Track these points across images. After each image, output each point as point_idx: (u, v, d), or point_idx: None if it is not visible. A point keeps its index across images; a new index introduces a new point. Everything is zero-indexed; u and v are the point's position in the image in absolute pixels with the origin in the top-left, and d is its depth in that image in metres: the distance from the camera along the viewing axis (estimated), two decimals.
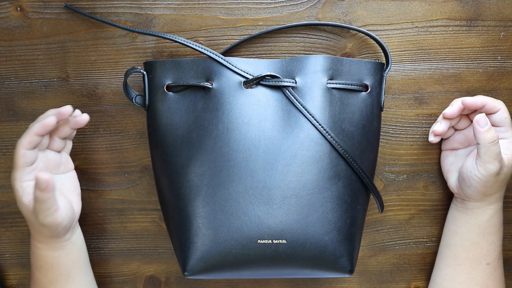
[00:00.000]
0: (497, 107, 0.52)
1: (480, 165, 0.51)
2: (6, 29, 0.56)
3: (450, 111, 0.53)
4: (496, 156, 0.50)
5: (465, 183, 0.53)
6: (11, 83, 0.58)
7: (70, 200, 0.53)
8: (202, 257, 0.49)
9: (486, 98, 0.52)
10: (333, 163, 0.50)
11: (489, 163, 0.50)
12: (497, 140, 0.49)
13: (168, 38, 0.51)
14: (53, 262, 0.53)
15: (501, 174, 0.51)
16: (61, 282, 0.54)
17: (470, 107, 0.53)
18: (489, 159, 0.50)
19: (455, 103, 0.53)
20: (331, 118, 0.50)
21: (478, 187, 0.52)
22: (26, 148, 0.49)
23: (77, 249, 0.55)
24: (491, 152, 0.50)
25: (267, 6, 0.56)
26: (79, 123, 0.52)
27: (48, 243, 0.52)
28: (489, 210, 0.54)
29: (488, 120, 0.50)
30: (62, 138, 0.53)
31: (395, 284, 0.63)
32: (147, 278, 0.63)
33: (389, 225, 0.61)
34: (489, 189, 0.52)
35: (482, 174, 0.51)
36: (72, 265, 0.54)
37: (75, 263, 0.55)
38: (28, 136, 0.49)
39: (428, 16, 0.56)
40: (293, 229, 0.48)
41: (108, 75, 0.57)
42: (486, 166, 0.50)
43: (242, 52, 0.57)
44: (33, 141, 0.49)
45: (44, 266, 0.53)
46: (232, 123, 0.50)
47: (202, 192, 0.49)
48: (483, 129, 0.49)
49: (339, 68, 0.51)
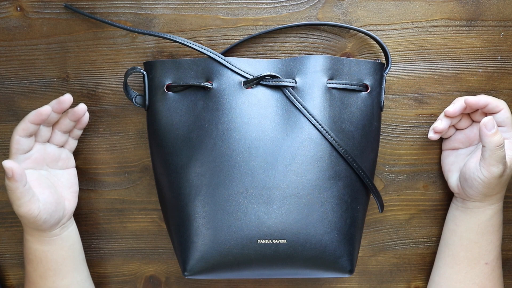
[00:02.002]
0: (500, 106, 0.52)
1: (484, 167, 0.51)
2: (6, 29, 0.56)
3: (452, 109, 0.53)
4: (501, 159, 0.50)
5: (467, 183, 0.53)
6: (11, 83, 0.58)
7: (62, 196, 0.53)
8: (202, 257, 0.49)
9: (488, 98, 0.52)
10: (333, 163, 0.50)
11: (494, 165, 0.50)
12: (503, 144, 0.49)
13: (168, 38, 0.51)
14: (42, 256, 0.53)
15: (504, 175, 0.51)
16: (51, 277, 0.54)
17: (472, 106, 0.53)
18: (494, 162, 0.50)
19: (457, 101, 0.53)
20: (331, 118, 0.50)
21: (480, 188, 0.52)
22: (20, 135, 0.49)
23: (68, 246, 0.54)
24: (496, 156, 0.49)
25: (267, 6, 0.56)
26: (77, 113, 0.52)
27: (35, 236, 0.52)
28: (489, 210, 0.54)
29: (495, 123, 0.49)
30: (63, 132, 0.53)
31: (395, 284, 0.63)
32: (147, 278, 0.63)
33: (389, 225, 0.61)
34: (491, 190, 0.52)
35: (485, 176, 0.51)
36: (62, 262, 0.54)
37: (65, 260, 0.54)
38: (23, 123, 0.49)
39: (428, 16, 0.56)
40: (293, 229, 0.48)
41: (108, 75, 0.57)
42: (490, 169, 0.50)
43: (242, 52, 0.57)
44: (27, 128, 0.49)
45: (34, 259, 0.54)
46: (232, 123, 0.50)
47: (202, 192, 0.49)
48: (490, 132, 0.49)
49: (339, 68, 0.51)
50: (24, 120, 0.49)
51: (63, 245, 0.54)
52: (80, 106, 0.52)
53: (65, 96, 0.50)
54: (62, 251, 0.54)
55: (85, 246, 0.62)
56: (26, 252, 0.54)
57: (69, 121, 0.52)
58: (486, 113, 0.54)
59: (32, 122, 0.49)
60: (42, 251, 0.53)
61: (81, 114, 0.52)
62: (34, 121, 0.49)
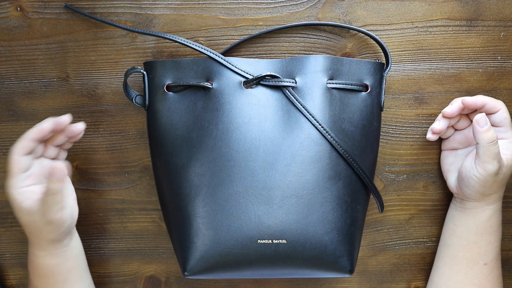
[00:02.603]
0: (497, 107, 0.52)
1: (479, 165, 0.51)
2: (6, 29, 0.56)
3: (450, 110, 0.53)
4: (495, 156, 0.50)
5: (464, 182, 0.53)
6: (11, 83, 0.58)
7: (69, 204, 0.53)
8: (202, 257, 0.49)
9: (486, 98, 0.52)
10: (333, 163, 0.50)
11: (488, 163, 0.50)
12: (496, 140, 0.49)
13: (168, 38, 0.51)
14: (53, 270, 0.53)
15: (500, 174, 0.51)
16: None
17: (470, 107, 0.53)
18: (488, 159, 0.50)
19: (455, 102, 0.53)
20: (331, 118, 0.50)
21: (477, 187, 0.52)
22: (19, 154, 0.49)
23: (74, 255, 0.55)
24: (490, 152, 0.50)
25: (267, 6, 0.56)
26: (75, 132, 0.51)
27: (48, 249, 0.52)
28: (488, 210, 0.54)
29: (488, 120, 0.49)
30: (56, 146, 0.53)
31: (395, 284, 0.63)
32: (147, 278, 0.63)
33: (389, 225, 0.61)
34: (488, 189, 0.52)
35: (481, 174, 0.51)
36: (69, 272, 0.54)
37: (73, 269, 0.54)
38: (23, 142, 0.49)
39: (428, 16, 0.56)
40: (293, 229, 0.48)
41: (108, 75, 0.57)
42: (485, 166, 0.50)
43: (242, 52, 0.57)
44: (27, 146, 0.49)
45: (44, 274, 0.53)
46: (232, 123, 0.50)
47: (202, 192, 0.49)
48: (482, 129, 0.49)
49: (339, 68, 0.51)
50: (23, 138, 0.49)
51: (71, 255, 0.54)
52: (78, 125, 0.51)
53: (65, 117, 0.50)
54: (70, 261, 0.54)
55: (85, 246, 0.62)
56: (35, 267, 0.53)
57: (64, 137, 0.52)
58: (486, 113, 0.54)
59: (34, 139, 0.49)
60: (54, 265, 0.53)
61: (78, 133, 0.52)
62: (36, 137, 0.49)
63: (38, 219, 0.50)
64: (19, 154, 0.49)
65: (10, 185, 0.49)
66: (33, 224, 0.50)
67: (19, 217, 0.50)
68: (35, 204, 0.49)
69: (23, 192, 0.49)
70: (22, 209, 0.49)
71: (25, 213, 0.49)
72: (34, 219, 0.50)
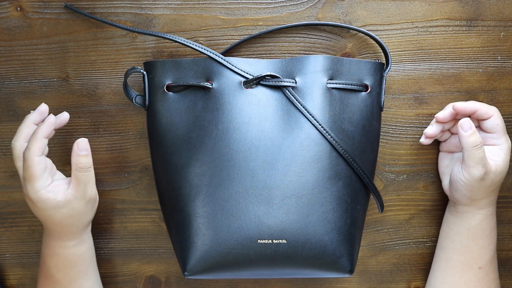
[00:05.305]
0: (489, 113, 0.52)
1: (465, 169, 0.51)
2: (6, 29, 0.56)
3: (442, 115, 0.53)
4: (480, 160, 0.49)
5: (453, 186, 0.53)
6: (11, 83, 0.58)
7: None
8: (202, 257, 0.49)
9: (478, 104, 0.52)
10: (333, 163, 0.50)
11: (472, 167, 0.50)
12: (481, 145, 0.49)
13: (168, 38, 0.51)
14: (80, 258, 0.54)
15: (486, 179, 0.51)
16: (80, 279, 0.54)
17: (461, 112, 0.52)
18: (472, 164, 0.50)
19: (448, 107, 0.53)
20: (331, 118, 0.50)
21: (464, 191, 0.52)
22: (38, 155, 0.49)
23: (91, 244, 0.56)
24: (473, 157, 0.49)
25: (267, 6, 0.56)
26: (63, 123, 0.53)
27: (80, 236, 0.53)
28: (479, 215, 0.54)
29: (472, 124, 0.49)
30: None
31: (395, 284, 0.63)
32: (147, 278, 0.63)
33: (389, 225, 0.61)
34: (474, 194, 0.52)
35: (466, 178, 0.51)
36: (90, 260, 0.55)
37: (92, 258, 0.56)
38: (37, 142, 0.48)
39: (428, 16, 0.56)
40: (293, 229, 0.48)
41: (108, 75, 0.57)
42: (470, 171, 0.50)
43: (242, 52, 0.57)
44: (42, 146, 0.49)
45: (68, 265, 0.53)
46: (232, 123, 0.50)
47: (202, 192, 0.49)
48: (466, 133, 0.49)
49: (339, 68, 0.51)
50: (36, 138, 0.49)
51: (91, 243, 0.56)
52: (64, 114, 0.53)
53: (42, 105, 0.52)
54: (91, 249, 0.56)
55: None
56: (60, 260, 0.53)
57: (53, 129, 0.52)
58: (478, 119, 0.54)
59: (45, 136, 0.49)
60: (82, 253, 0.54)
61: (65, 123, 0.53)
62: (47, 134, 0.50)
63: (79, 203, 0.50)
64: (38, 155, 0.48)
65: (37, 189, 0.49)
66: (72, 212, 0.50)
67: (52, 215, 0.50)
68: (68, 193, 0.49)
69: (51, 189, 0.49)
70: (59, 204, 0.49)
71: (63, 206, 0.49)
72: (73, 206, 0.50)
